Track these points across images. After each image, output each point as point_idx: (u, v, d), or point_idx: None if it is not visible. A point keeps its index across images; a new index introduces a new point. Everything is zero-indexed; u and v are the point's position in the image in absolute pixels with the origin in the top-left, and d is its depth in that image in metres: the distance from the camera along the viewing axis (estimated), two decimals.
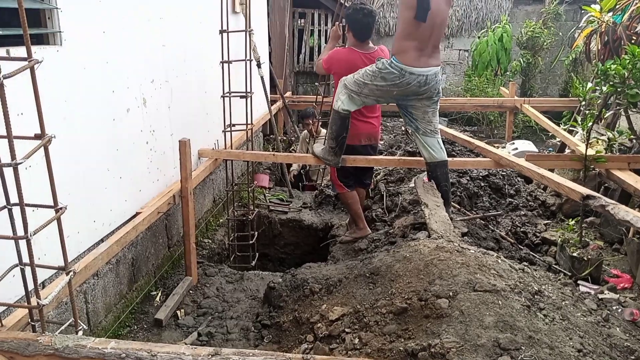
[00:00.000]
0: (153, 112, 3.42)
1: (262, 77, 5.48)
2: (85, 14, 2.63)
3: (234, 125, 4.37)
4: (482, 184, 4.78)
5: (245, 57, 4.21)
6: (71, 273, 1.86)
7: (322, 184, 5.90)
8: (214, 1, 3.96)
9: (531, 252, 4.17)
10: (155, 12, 3.42)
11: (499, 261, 3.08)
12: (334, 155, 3.94)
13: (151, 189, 3.44)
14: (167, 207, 3.40)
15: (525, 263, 3.59)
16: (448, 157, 3.87)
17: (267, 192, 5.70)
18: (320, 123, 6.13)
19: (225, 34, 4.10)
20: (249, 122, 4.43)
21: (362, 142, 4.13)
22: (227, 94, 4.21)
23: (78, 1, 2.57)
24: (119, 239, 2.72)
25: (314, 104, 6.56)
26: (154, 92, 3.44)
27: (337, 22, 4.60)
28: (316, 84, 6.70)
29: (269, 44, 7.47)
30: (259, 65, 5.42)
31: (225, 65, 4.16)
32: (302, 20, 9.45)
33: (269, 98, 5.62)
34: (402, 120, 4.79)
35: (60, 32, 2.42)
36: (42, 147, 1.72)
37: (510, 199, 4.80)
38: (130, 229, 2.85)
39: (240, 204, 5.27)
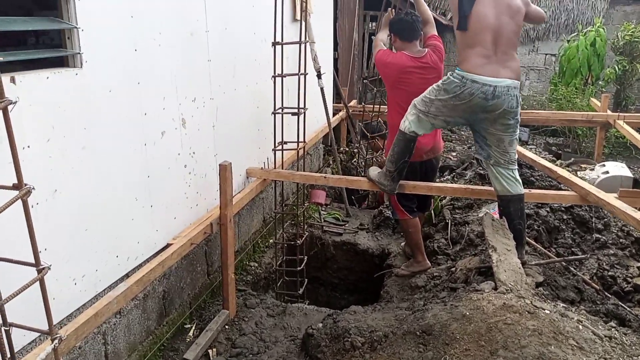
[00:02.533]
0: (194, 133, 3.18)
1: (322, 88, 5.15)
2: (112, 32, 2.40)
3: (285, 142, 4.07)
4: (565, 217, 4.17)
5: (299, 70, 3.88)
6: (56, 340, 1.60)
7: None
8: (271, 10, 3.65)
9: (620, 303, 3.55)
10: (199, 25, 3.17)
11: (580, 327, 2.55)
12: (391, 180, 3.51)
13: (188, 215, 3.19)
14: (202, 237, 3.14)
15: (613, 323, 3.02)
16: (526, 182, 3.27)
17: (322, 209, 5.37)
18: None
19: (279, 47, 3.82)
20: (302, 140, 4.12)
21: (423, 158, 3.73)
22: (279, 110, 3.91)
23: (104, 18, 2.34)
24: (140, 278, 2.48)
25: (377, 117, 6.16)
26: (196, 111, 3.19)
27: (390, 8, 4.24)
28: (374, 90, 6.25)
29: (336, 50, 7.14)
30: (319, 76, 5.09)
31: (279, 79, 3.87)
32: (374, 24, 9.01)
33: (329, 110, 5.27)
34: None
35: (80, 53, 2.20)
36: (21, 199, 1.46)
37: (597, 235, 4.15)
38: (156, 266, 2.61)
39: (293, 222, 4.97)
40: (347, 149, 6.80)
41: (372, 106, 6.38)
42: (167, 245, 2.91)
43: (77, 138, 2.23)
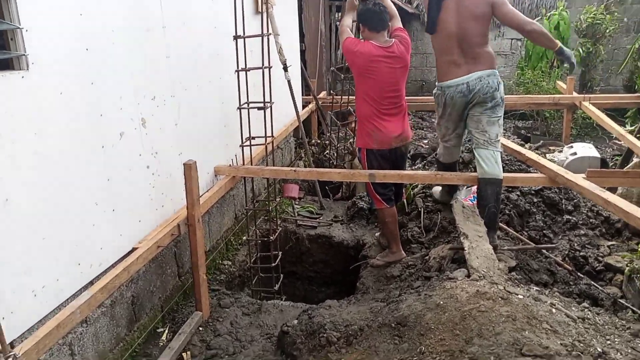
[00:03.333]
0: (155, 132, 3.08)
1: (289, 81, 5.07)
2: (60, 31, 2.29)
3: (253, 138, 4.00)
4: (535, 200, 4.20)
5: (262, 64, 3.80)
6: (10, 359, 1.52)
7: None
8: (232, 4, 3.56)
9: (592, 282, 3.60)
10: (155, 21, 3.06)
11: (554, 310, 2.57)
12: (448, 195, 4.11)
13: (154, 218, 3.10)
14: (170, 239, 3.06)
15: (586, 303, 3.05)
16: None
17: (296, 203, 5.32)
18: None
19: (241, 40, 3.73)
20: (270, 134, 4.05)
21: (392, 146, 3.77)
22: (244, 105, 3.83)
23: (50, 18, 2.23)
24: (104, 285, 2.39)
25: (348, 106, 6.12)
26: (156, 109, 3.09)
27: None
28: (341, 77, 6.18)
29: (302, 42, 7.06)
30: (285, 69, 5.01)
31: (242, 73, 3.79)
32: (339, 14, 8.95)
33: (298, 102, 5.19)
34: None
35: (25, 55, 2.09)
36: None
37: (567, 216, 4.20)
38: (121, 271, 2.52)
39: (266, 218, 4.90)
40: (318, 141, 6.75)
41: (340, 97, 6.35)
42: (133, 250, 2.82)
43: (28, 143, 2.13)
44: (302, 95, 6.61)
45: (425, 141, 8.45)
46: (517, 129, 8.61)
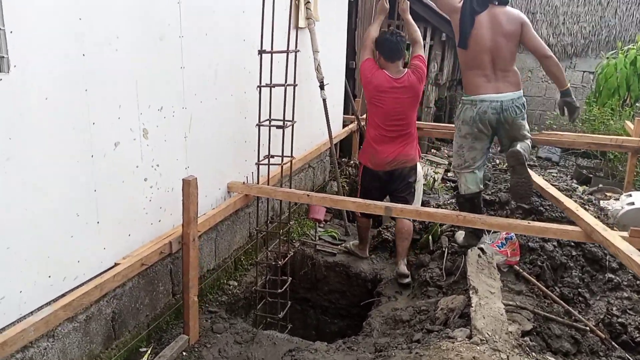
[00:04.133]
0: (159, 144, 2.97)
1: (324, 100, 4.88)
2: (52, 35, 2.21)
3: (272, 156, 3.84)
4: (574, 253, 3.76)
5: (285, 81, 3.64)
6: None
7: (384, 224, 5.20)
8: (268, 15, 3.44)
9: (628, 356, 3.15)
10: (171, 30, 2.97)
11: None
12: (476, 237, 3.83)
13: (147, 232, 2.99)
14: (157, 257, 2.93)
15: None
16: (534, 212, 3.96)
17: (320, 225, 5.10)
18: None
19: (267, 55, 3.59)
20: (290, 154, 3.87)
21: (386, 169, 4.02)
22: (265, 123, 3.69)
23: (41, 20, 2.16)
24: (69, 303, 2.28)
25: None
26: (162, 120, 2.99)
27: None
28: None
29: (353, 59, 6.87)
30: (322, 87, 4.83)
31: (265, 89, 3.65)
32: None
33: (332, 122, 4.99)
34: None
35: (4, 57, 2.02)
36: None
37: (610, 275, 3.73)
38: (92, 289, 2.40)
39: (285, 239, 4.71)
40: (357, 162, 6.50)
41: None
42: (115, 265, 2.71)
43: (0, 148, 2.05)
44: (346, 114, 6.43)
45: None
46: (579, 168, 8.00)
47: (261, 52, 3.54)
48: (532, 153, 9.09)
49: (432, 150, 8.29)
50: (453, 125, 6.61)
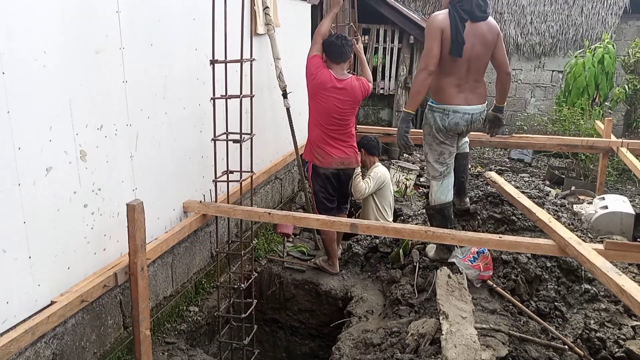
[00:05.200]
0: (100, 166, 2.72)
1: (287, 109, 4.67)
2: None
3: (232, 172, 3.61)
4: (549, 264, 3.62)
5: (241, 93, 3.42)
6: None
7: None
8: (223, 22, 3.21)
9: None
10: (110, 42, 2.72)
11: None
12: (447, 250, 3.66)
13: (90, 263, 2.73)
14: (101, 291, 2.67)
15: None
16: (506, 221, 3.92)
17: (290, 240, 4.88)
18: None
19: (221, 65, 3.37)
20: (249, 169, 3.65)
21: (333, 167, 4.03)
22: (222, 137, 3.46)
23: None
24: None
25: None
26: (103, 140, 2.74)
27: None
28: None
29: None
30: (284, 95, 4.62)
31: (219, 101, 3.42)
32: (366, 37, 8.55)
33: (296, 132, 4.77)
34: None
35: None
36: None
37: (587, 285, 3.59)
38: (21, 334, 2.15)
39: (249, 257, 4.48)
40: None
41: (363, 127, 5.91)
42: (52, 304, 2.45)
43: None
44: None
45: None
46: (552, 169, 7.94)
47: (213, 62, 3.31)
48: (504, 155, 9.03)
49: (404, 155, 8.14)
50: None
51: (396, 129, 3.56)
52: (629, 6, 9.40)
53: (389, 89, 9.04)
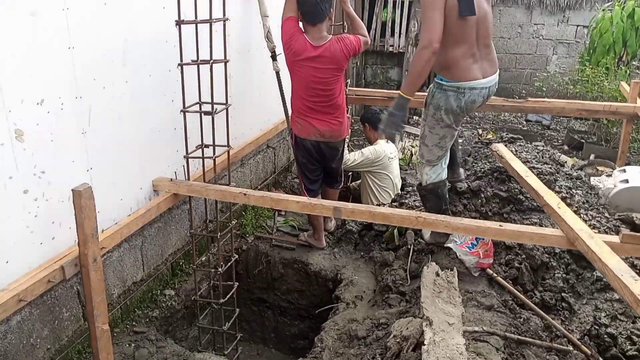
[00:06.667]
0: (41, 146, 2.40)
1: (277, 73, 4.25)
2: None
3: (207, 146, 3.28)
4: (558, 250, 3.26)
5: (211, 57, 3.03)
6: None
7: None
8: None
9: None
10: (50, 1, 2.35)
11: None
12: (443, 234, 3.30)
13: (36, 255, 2.45)
14: (44, 288, 2.40)
15: None
16: (512, 200, 3.55)
17: (282, 213, 4.58)
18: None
19: (191, 26, 2.99)
20: (227, 143, 3.31)
21: (312, 138, 3.64)
22: (194, 107, 3.11)
23: None
24: None
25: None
26: (45, 116, 2.40)
27: None
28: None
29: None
30: (274, 58, 4.20)
31: (189, 67, 3.05)
32: None
33: (286, 99, 4.38)
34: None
35: None
36: None
37: (599, 273, 3.23)
38: None
39: (237, 233, 4.20)
40: None
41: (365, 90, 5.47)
42: None
43: None
44: None
45: (460, 140, 7.46)
46: (571, 133, 7.45)
47: (179, 22, 2.93)
48: (522, 117, 8.51)
49: (414, 117, 7.69)
50: None
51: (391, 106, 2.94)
52: None
53: (399, 46, 8.49)
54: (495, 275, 3.03)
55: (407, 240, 3.55)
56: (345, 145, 3.93)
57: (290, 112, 3.92)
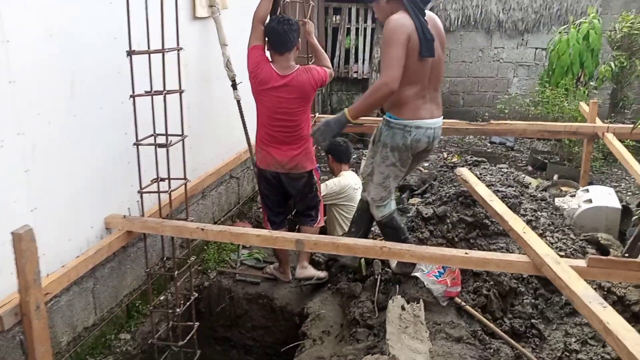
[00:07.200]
0: None
1: (238, 101, 4.17)
2: None
3: (163, 179, 3.14)
4: (525, 275, 3.21)
5: (164, 88, 2.93)
6: None
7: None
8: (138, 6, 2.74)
9: None
10: None
11: None
12: (410, 264, 3.18)
13: None
14: None
15: None
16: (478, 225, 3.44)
17: (246, 246, 4.43)
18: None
19: (143, 56, 2.88)
20: (184, 176, 3.18)
21: (271, 168, 3.52)
22: (149, 140, 2.99)
23: None
24: None
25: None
26: None
27: None
28: None
29: None
30: (234, 86, 4.12)
31: (141, 99, 2.94)
32: (337, 17, 8.01)
33: (248, 129, 4.29)
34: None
35: None
36: None
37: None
38: None
39: (199, 269, 4.05)
40: None
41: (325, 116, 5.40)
42: None
43: None
44: None
45: (426, 164, 7.48)
46: (535, 154, 7.54)
47: (130, 52, 2.83)
48: (486, 139, 8.61)
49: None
50: None
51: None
52: None
53: (363, 72, 8.53)
54: (463, 304, 2.96)
55: (374, 269, 3.45)
56: (316, 179, 3.76)
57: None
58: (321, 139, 2.90)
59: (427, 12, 2.84)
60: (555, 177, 5.70)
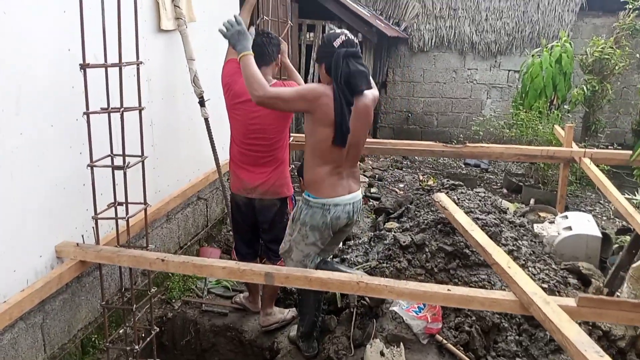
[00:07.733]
0: None
1: (206, 119, 3.95)
2: None
3: (120, 204, 2.88)
4: None
5: (121, 105, 2.69)
6: None
7: None
8: (94, 17, 2.51)
9: None
10: None
11: None
12: (308, 342, 3.14)
13: None
14: None
15: None
16: (459, 255, 3.29)
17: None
18: None
19: (98, 70, 2.64)
20: (143, 200, 2.92)
21: (241, 193, 3.31)
22: (104, 161, 2.73)
23: None
24: None
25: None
26: None
27: None
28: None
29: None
30: (202, 104, 3.91)
31: (97, 116, 2.69)
32: (311, 34, 7.88)
33: (218, 146, 4.06)
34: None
35: None
36: None
37: None
38: None
39: (164, 297, 3.77)
40: None
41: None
42: None
43: None
44: None
45: (402, 185, 7.35)
46: (509, 176, 7.49)
47: (84, 66, 2.59)
48: (461, 160, 8.55)
49: None
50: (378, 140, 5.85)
51: None
52: (585, 3, 9.07)
53: None
54: (445, 341, 2.77)
55: (349, 301, 3.24)
56: (289, 209, 3.52)
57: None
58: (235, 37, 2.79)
59: (365, 92, 2.76)
60: (532, 201, 5.61)
